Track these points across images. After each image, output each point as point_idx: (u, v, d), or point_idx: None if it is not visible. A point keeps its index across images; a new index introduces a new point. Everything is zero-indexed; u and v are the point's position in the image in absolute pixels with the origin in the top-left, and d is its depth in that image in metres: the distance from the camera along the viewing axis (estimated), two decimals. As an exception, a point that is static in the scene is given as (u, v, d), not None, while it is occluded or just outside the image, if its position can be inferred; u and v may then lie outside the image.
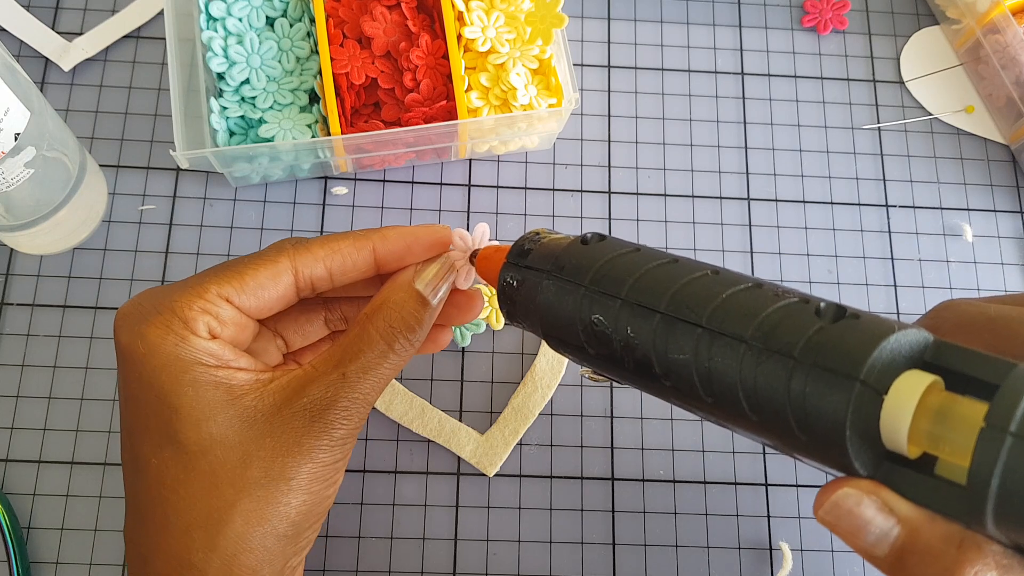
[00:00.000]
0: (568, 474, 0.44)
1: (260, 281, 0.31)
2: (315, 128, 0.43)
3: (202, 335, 0.30)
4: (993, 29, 0.50)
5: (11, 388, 0.43)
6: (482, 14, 0.44)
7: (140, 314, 0.30)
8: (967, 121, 0.52)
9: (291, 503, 0.30)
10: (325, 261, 0.32)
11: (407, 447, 0.43)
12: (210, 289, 0.30)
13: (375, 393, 0.31)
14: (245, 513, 0.29)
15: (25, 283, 0.44)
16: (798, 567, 0.43)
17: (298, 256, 0.32)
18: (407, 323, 0.31)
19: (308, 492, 0.30)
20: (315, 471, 0.30)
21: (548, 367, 0.45)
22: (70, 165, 0.41)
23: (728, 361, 0.24)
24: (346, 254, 0.33)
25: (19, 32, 0.48)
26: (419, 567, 0.42)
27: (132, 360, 0.30)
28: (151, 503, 0.30)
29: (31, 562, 0.40)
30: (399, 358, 0.31)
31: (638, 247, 0.29)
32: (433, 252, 0.34)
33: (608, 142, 0.50)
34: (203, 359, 0.30)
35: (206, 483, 0.29)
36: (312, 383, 0.30)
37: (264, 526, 0.29)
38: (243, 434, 0.29)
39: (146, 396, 0.30)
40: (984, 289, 0.48)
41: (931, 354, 0.23)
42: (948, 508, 0.22)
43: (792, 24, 0.53)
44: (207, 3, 0.44)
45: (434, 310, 0.33)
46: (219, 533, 0.29)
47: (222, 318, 0.31)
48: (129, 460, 0.31)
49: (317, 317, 0.37)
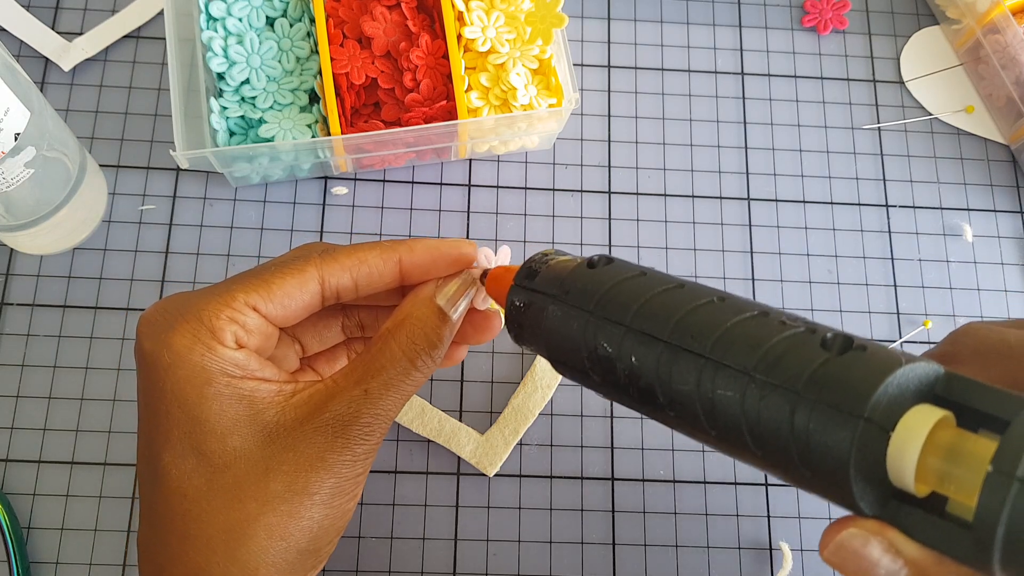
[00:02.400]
0: (568, 474, 0.44)
1: (287, 290, 0.31)
2: (315, 128, 0.43)
3: (229, 345, 0.30)
4: (993, 29, 0.50)
5: (11, 388, 0.43)
6: (482, 14, 0.44)
7: (166, 321, 0.30)
8: (967, 121, 0.52)
9: (313, 517, 0.30)
10: (352, 271, 0.32)
11: (407, 447, 0.43)
12: (238, 297, 0.30)
13: (396, 409, 0.31)
14: (268, 527, 0.29)
15: (25, 283, 0.44)
16: (798, 567, 0.43)
17: (325, 266, 0.31)
18: (429, 340, 0.31)
19: (330, 507, 0.30)
20: (337, 485, 0.30)
21: (548, 367, 0.45)
22: (70, 165, 0.41)
23: (731, 393, 0.24)
24: (373, 265, 0.32)
25: (19, 32, 0.48)
26: (419, 567, 0.42)
27: (156, 368, 0.29)
28: (171, 513, 0.29)
29: (31, 562, 0.40)
30: (421, 375, 0.31)
31: (644, 271, 0.28)
32: (457, 268, 0.33)
33: (608, 142, 0.50)
34: (229, 370, 0.29)
35: (229, 496, 0.29)
36: (334, 398, 0.30)
37: (287, 540, 0.29)
38: (266, 448, 0.29)
39: (169, 406, 0.29)
40: (984, 289, 0.48)
41: (942, 387, 0.22)
42: (956, 550, 0.21)
43: (792, 24, 0.53)
44: (207, 3, 0.44)
45: (454, 326, 0.32)
46: (241, 546, 0.29)
47: (249, 327, 0.30)
48: (147, 469, 0.30)
49: (335, 323, 0.37)
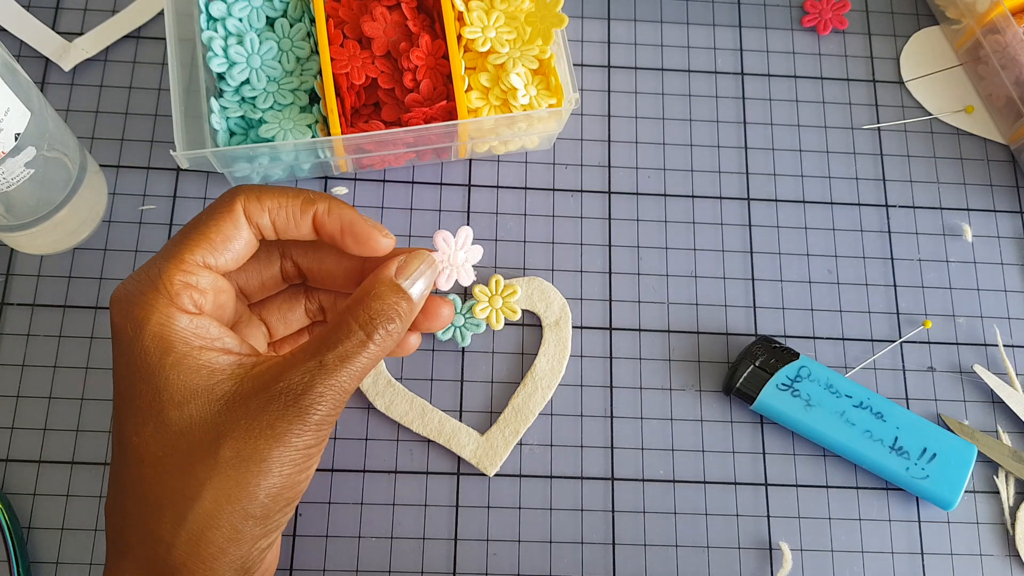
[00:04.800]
0: (568, 474, 0.44)
1: (226, 233, 0.32)
2: (315, 128, 0.43)
3: (188, 310, 0.31)
4: (993, 29, 0.50)
5: (11, 388, 0.43)
6: (482, 14, 0.44)
7: (130, 294, 0.31)
8: (967, 121, 0.52)
9: (260, 484, 0.30)
10: (271, 212, 0.33)
11: (407, 447, 0.43)
12: (186, 258, 0.31)
13: (352, 382, 0.32)
14: (215, 491, 0.30)
15: (25, 283, 0.44)
16: (798, 567, 0.43)
17: (248, 204, 0.33)
18: (386, 314, 0.32)
19: (279, 475, 0.31)
20: (287, 455, 0.31)
21: (548, 367, 0.45)
22: (70, 165, 0.41)
23: None
24: (290, 212, 0.34)
25: (19, 32, 0.48)
26: (419, 567, 0.42)
27: (122, 341, 0.31)
28: (131, 479, 0.31)
29: (31, 562, 0.40)
30: (378, 348, 0.32)
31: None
32: (366, 254, 0.34)
33: (608, 142, 0.50)
34: (189, 339, 0.31)
35: (182, 461, 0.30)
36: (290, 369, 0.31)
37: (233, 505, 0.30)
38: (220, 416, 0.31)
39: (133, 376, 0.31)
40: (984, 289, 0.48)
41: None
42: None
43: (792, 24, 0.53)
44: (207, 3, 0.44)
45: (414, 305, 0.33)
46: (189, 510, 0.30)
47: (202, 287, 0.32)
48: (115, 438, 0.32)
49: (298, 304, 0.38)
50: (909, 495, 0.44)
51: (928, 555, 0.44)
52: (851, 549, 0.43)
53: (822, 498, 0.44)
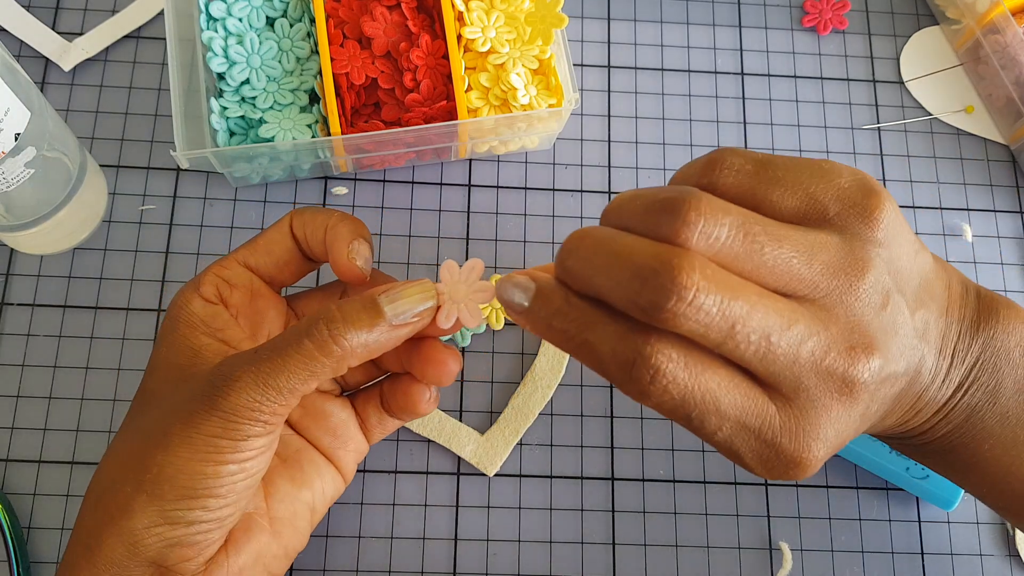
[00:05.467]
0: (568, 474, 0.44)
1: (268, 238, 0.36)
2: (315, 128, 0.43)
3: (209, 299, 0.34)
4: (993, 29, 0.50)
5: (11, 388, 0.43)
6: (482, 14, 0.44)
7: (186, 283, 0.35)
8: (967, 121, 0.52)
9: (156, 457, 0.30)
10: (305, 226, 0.35)
11: (407, 447, 0.43)
12: (230, 257, 0.35)
13: (283, 379, 0.30)
14: (119, 454, 0.32)
15: (25, 283, 0.44)
16: (798, 567, 0.43)
17: (295, 217, 0.36)
18: (331, 316, 0.30)
19: (176, 456, 0.30)
20: (188, 435, 0.29)
21: (548, 367, 0.45)
22: (70, 165, 0.41)
23: None
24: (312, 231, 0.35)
25: (19, 32, 0.48)
26: (419, 567, 0.42)
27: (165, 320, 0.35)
28: (109, 447, 0.33)
29: (31, 562, 0.40)
30: (314, 347, 0.30)
31: None
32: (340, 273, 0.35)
33: (608, 142, 0.50)
34: (193, 322, 0.33)
35: (133, 431, 0.32)
36: (230, 356, 0.31)
37: (127, 473, 0.31)
38: (170, 391, 0.32)
39: (153, 351, 0.34)
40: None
41: None
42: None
43: (792, 24, 0.53)
44: (207, 3, 0.44)
45: (388, 326, 0.31)
46: (99, 471, 0.32)
47: (232, 281, 0.35)
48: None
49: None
50: (909, 495, 0.44)
51: (928, 555, 0.44)
52: (851, 549, 0.43)
53: (822, 498, 0.44)
